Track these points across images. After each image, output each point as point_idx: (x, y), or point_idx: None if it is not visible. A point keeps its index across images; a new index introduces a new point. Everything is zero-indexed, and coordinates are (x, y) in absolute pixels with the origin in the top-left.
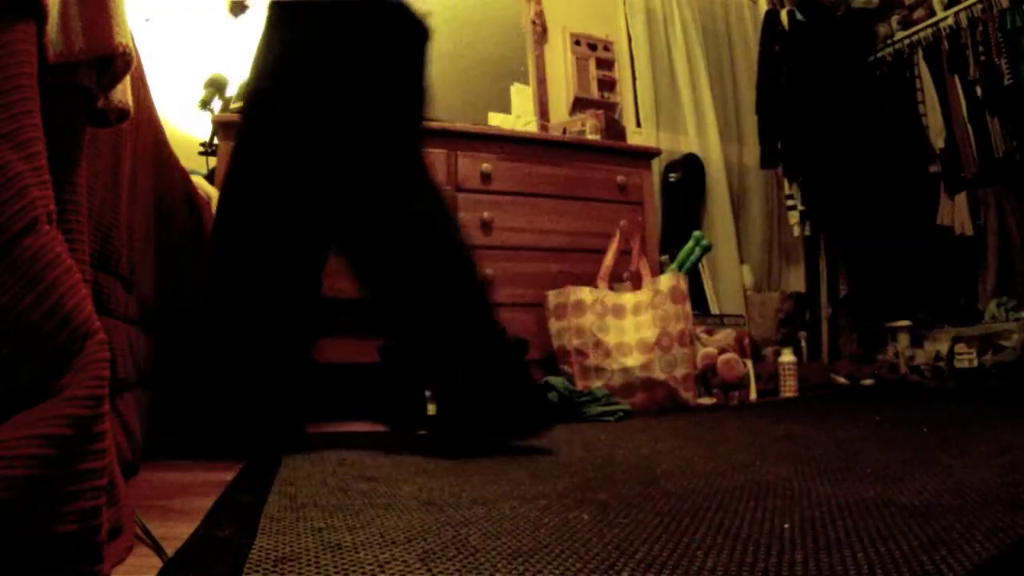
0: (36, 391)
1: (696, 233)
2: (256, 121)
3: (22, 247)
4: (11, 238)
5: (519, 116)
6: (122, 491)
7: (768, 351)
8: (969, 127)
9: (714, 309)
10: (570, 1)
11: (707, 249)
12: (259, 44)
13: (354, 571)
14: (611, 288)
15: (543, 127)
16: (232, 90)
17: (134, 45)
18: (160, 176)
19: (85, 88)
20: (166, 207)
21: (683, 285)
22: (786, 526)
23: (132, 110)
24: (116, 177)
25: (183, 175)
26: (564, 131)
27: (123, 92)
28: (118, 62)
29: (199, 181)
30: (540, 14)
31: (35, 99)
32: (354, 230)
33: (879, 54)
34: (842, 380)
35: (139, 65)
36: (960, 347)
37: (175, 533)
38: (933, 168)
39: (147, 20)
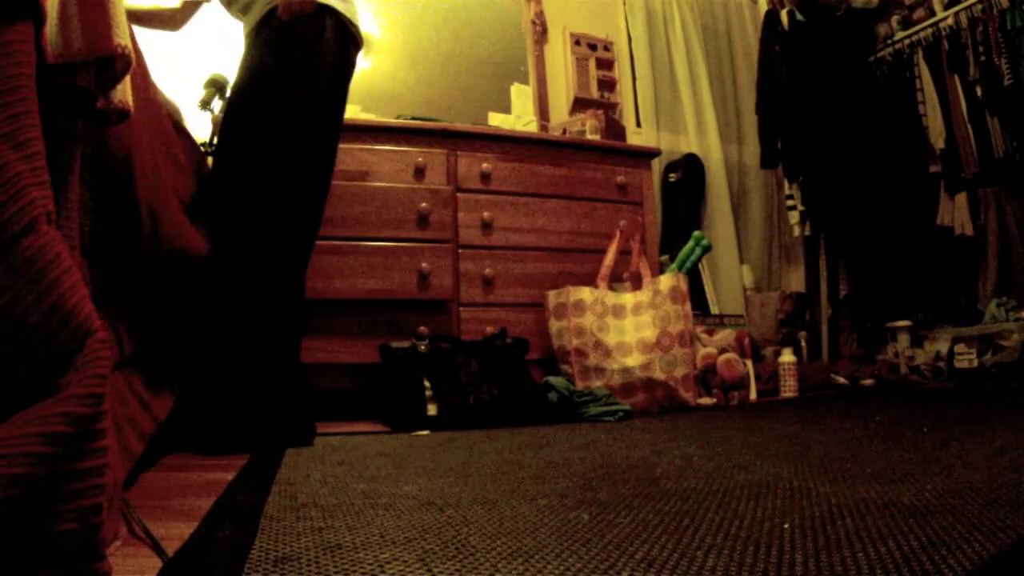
0: (36, 389)
1: (696, 233)
2: (243, 125)
3: (22, 247)
4: (11, 238)
5: (519, 116)
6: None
7: (768, 351)
8: (969, 127)
9: (714, 309)
10: (570, 1)
11: (707, 249)
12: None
13: (354, 571)
14: (611, 288)
15: (543, 127)
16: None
17: (134, 45)
18: (166, 173)
19: (84, 89)
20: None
21: (683, 285)
22: (786, 526)
23: (132, 109)
24: None
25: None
26: (564, 131)
27: (123, 92)
28: (117, 63)
29: None
30: (540, 14)
31: (34, 99)
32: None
33: (879, 54)
34: (842, 380)
35: (144, 65)
36: (960, 347)
37: (175, 533)
38: (933, 168)
39: None
